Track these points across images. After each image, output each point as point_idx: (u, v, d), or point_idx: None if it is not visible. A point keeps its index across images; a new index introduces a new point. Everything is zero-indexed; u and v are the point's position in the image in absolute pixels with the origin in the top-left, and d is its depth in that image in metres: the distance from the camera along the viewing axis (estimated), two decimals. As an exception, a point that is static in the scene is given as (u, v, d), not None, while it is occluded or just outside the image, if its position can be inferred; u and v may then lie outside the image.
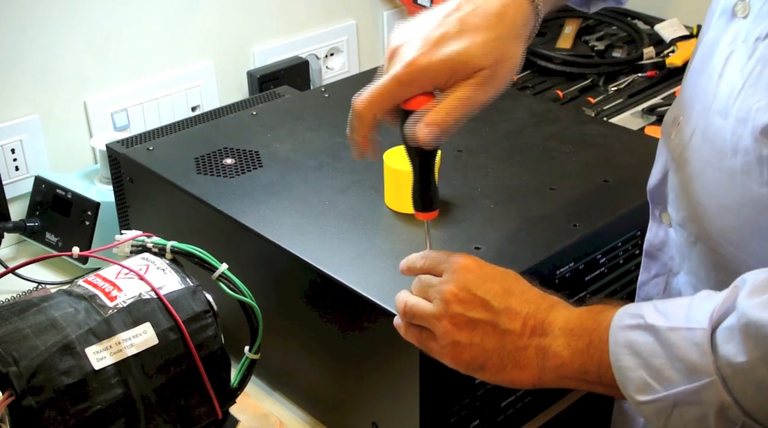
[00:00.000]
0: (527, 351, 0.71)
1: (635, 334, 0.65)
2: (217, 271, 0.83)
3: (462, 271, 0.73)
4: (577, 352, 0.69)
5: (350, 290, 0.83)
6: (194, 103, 1.40)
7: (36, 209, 1.24)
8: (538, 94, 1.56)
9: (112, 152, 1.11)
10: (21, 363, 0.71)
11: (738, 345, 0.60)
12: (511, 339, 0.71)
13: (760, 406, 0.60)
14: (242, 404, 0.89)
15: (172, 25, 1.35)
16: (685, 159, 0.76)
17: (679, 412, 0.63)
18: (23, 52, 1.21)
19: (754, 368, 0.59)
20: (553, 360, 0.70)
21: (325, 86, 1.27)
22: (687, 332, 0.63)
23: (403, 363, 0.81)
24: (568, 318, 0.71)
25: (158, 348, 0.77)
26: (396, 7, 1.63)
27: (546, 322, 0.71)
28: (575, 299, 0.94)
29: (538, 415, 0.97)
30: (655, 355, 0.64)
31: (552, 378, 0.71)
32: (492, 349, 0.71)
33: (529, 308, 0.72)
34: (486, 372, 0.72)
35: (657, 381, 0.64)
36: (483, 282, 0.73)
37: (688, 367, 0.62)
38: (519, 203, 0.96)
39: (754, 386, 0.59)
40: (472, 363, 0.72)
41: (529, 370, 0.71)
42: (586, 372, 0.69)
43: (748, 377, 0.59)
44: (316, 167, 1.04)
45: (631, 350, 0.65)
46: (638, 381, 0.65)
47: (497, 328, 0.71)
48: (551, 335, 0.70)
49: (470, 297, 0.72)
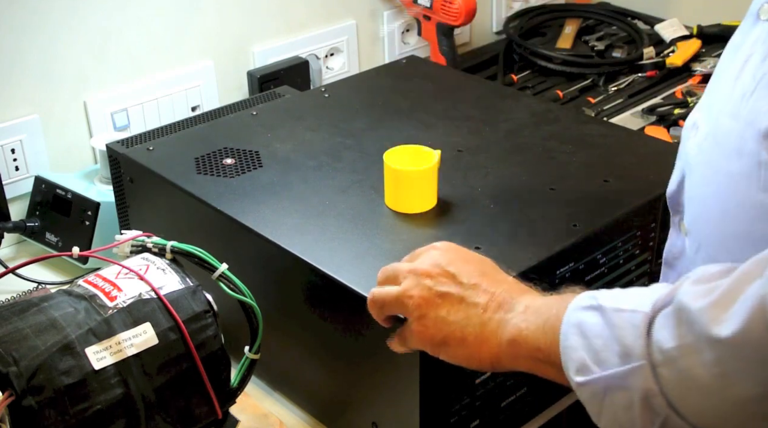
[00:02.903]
0: (489, 324, 0.71)
1: (586, 314, 0.66)
2: (217, 271, 0.83)
3: (437, 251, 0.76)
4: (534, 327, 0.69)
5: (350, 290, 0.83)
6: (194, 104, 1.40)
7: (36, 209, 1.24)
8: (538, 94, 1.56)
9: (112, 152, 1.11)
10: (21, 363, 0.71)
11: (670, 331, 0.59)
12: (475, 313, 0.72)
13: (683, 397, 0.59)
14: (242, 404, 0.89)
15: (172, 25, 1.35)
16: (696, 163, 0.75)
17: (611, 398, 0.63)
18: (23, 52, 1.21)
19: (682, 356, 0.58)
20: (510, 333, 0.70)
21: (325, 86, 1.27)
22: (630, 314, 0.62)
23: (403, 363, 0.81)
24: (535, 300, 0.71)
25: (158, 348, 0.77)
26: (396, 7, 1.63)
27: (513, 301, 0.72)
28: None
29: (538, 415, 0.97)
30: (597, 336, 0.64)
31: (508, 355, 0.71)
32: (456, 322, 0.72)
33: (498, 289, 0.73)
34: (448, 347, 0.73)
35: (595, 362, 0.64)
36: (456, 261, 0.75)
37: (623, 350, 0.62)
38: (519, 203, 0.96)
39: (679, 375, 0.59)
40: (435, 337, 0.73)
41: (488, 346, 0.71)
42: (538, 348, 0.69)
43: (675, 365, 0.59)
44: (316, 167, 1.04)
45: (579, 329, 0.65)
46: (579, 361, 0.65)
47: (464, 301, 0.73)
48: (514, 311, 0.71)
49: (441, 272, 0.74)
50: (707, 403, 0.58)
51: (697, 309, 0.58)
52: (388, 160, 0.95)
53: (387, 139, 1.10)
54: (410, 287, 0.74)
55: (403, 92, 1.22)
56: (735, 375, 0.56)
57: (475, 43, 1.79)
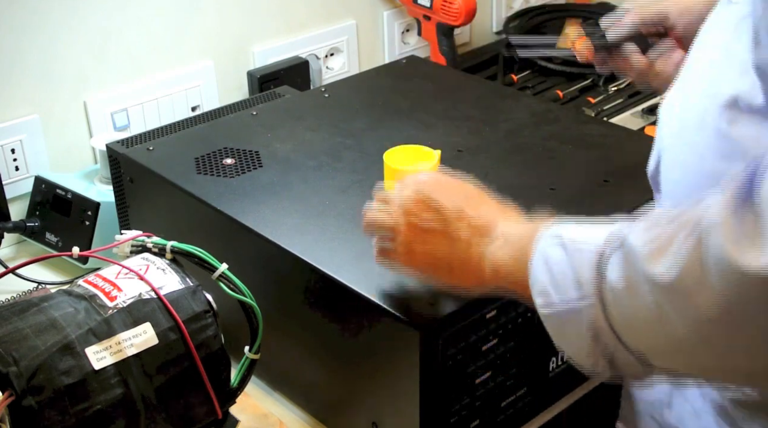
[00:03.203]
0: (472, 256, 0.75)
1: (552, 249, 0.68)
2: (217, 271, 0.83)
3: (422, 181, 0.79)
4: (509, 259, 0.73)
5: (350, 290, 0.83)
6: (194, 104, 1.40)
7: (36, 209, 1.24)
8: (538, 94, 1.56)
9: (112, 152, 1.11)
10: (21, 363, 0.71)
11: (619, 271, 0.62)
12: (459, 246, 0.76)
13: (628, 332, 0.62)
14: (242, 404, 0.89)
15: (172, 25, 1.35)
16: (670, 141, 0.77)
17: (568, 327, 0.66)
18: (23, 52, 1.21)
19: (627, 295, 0.61)
20: (491, 264, 0.74)
21: (325, 86, 1.27)
22: (588, 253, 0.65)
23: (403, 363, 0.81)
24: (515, 229, 0.74)
25: (158, 348, 0.77)
26: (396, 7, 1.63)
27: (493, 231, 0.75)
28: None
29: (538, 415, 0.97)
30: (560, 270, 0.67)
31: (491, 282, 0.75)
32: (442, 256, 0.76)
33: (480, 219, 0.76)
34: (436, 276, 0.78)
35: (556, 293, 0.67)
36: (441, 191, 0.78)
37: (579, 284, 0.65)
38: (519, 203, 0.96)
39: (625, 312, 0.62)
40: (423, 267, 0.78)
41: (472, 274, 0.75)
42: (515, 280, 0.72)
43: (622, 302, 0.62)
44: (316, 167, 1.04)
45: (545, 262, 0.68)
46: (543, 291, 0.68)
47: (448, 236, 0.76)
48: (494, 243, 0.74)
49: (426, 208, 0.77)
50: (648, 339, 0.62)
51: (641, 253, 0.60)
52: (388, 160, 0.95)
53: (387, 139, 1.10)
54: (399, 222, 0.78)
55: (403, 92, 1.22)
56: (669, 316, 0.59)
57: (475, 43, 1.80)
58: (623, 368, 0.65)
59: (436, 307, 0.80)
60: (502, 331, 0.86)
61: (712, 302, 0.55)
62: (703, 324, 0.57)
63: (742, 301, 0.54)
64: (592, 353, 0.65)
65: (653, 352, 0.63)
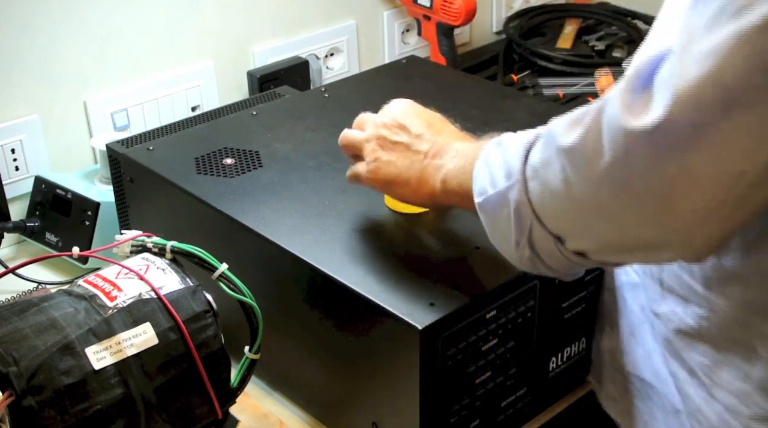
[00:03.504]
0: (428, 168, 0.83)
1: (492, 149, 0.75)
2: (217, 271, 0.83)
3: (395, 106, 0.89)
4: (458, 168, 0.80)
5: (350, 290, 0.83)
6: (194, 104, 1.40)
7: (36, 209, 1.24)
8: (538, 94, 1.56)
9: (112, 152, 1.11)
10: (21, 363, 0.71)
11: (539, 150, 0.69)
12: (418, 159, 0.84)
13: (542, 204, 0.68)
14: (242, 404, 0.89)
15: (172, 25, 1.35)
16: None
17: (498, 214, 0.73)
18: (23, 52, 1.22)
19: (542, 168, 0.68)
20: (442, 175, 0.82)
21: (325, 86, 1.27)
22: (521, 143, 0.72)
23: (403, 363, 0.81)
24: (467, 146, 0.82)
25: (158, 348, 0.77)
26: (396, 7, 1.63)
27: (447, 147, 0.83)
28: (575, 299, 0.94)
29: (538, 415, 0.97)
30: (495, 162, 0.74)
31: (441, 194, 0.82)
32: (402, 166, 0.85)
33: (440, 138, 0.85)
34: (395, 187, 0.86)
35: (491, 184, 0.73)
36: (410, 115, 0.87)
37: (507, 171, 0.72)
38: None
39: (540, 185, 0.68)
40: (385, 178, 0.86)
41: (427, 185, 0.83)
42: (460, 186, 0.79)
43: (538, 176, 0.68)
44: (316, 167, 1.04)
45: (485, 161, 0.75)
46: (481, 185, 0.75)
47: (410, 149, 0.85)
48: (447, 156, 0.82)
49: (396, 124, 0.87)
50: (558, 208, 0.68)
51: (558, 133, 0.66)
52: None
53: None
54: (370, 135, 0.88)
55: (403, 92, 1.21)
56: (571, 181, 0.65)
57: (475, 43, 1.80)
58: (543, 252, 0.71)
59: (436, 307, 0.80)
60: (502, 331, 0.86)
61: (604, 163, 0.62)
62: (598, 186, 0.63)
63: (628, 159, 0.60)
64: (516, 236, 0.72)
65: (563, 227, 0.69)
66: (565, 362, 0.97)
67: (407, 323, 0.78)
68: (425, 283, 0.83)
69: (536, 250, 0.72)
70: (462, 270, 0.85)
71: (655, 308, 0.84)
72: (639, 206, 0.62)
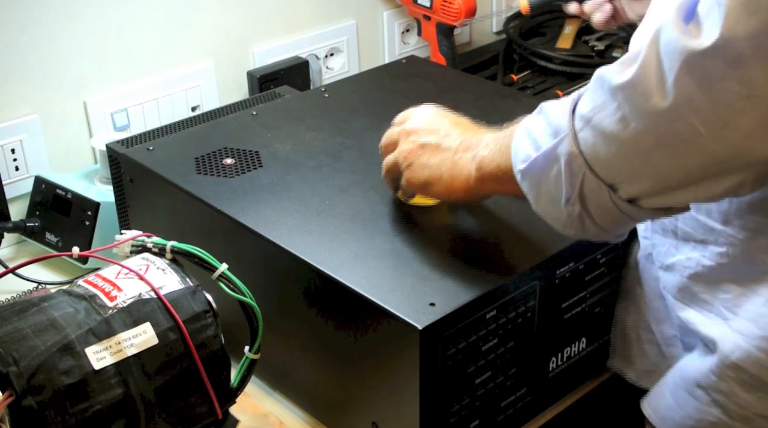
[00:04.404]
0: (460, 161, 0.85)
1: (532, 119, 0.77)
2: (217, 271, 0.83)
3: (421, 111, 0.93)
4: (493, 151, 0.82)
5: (350, 290, 0.83)
6: (194, 104, 1.41)
7: (36, 209, 1.24)
8: (538, 94, 1.56)
9: (112, 152, 1.11)
10: (21, 362, 0.71)
11: (588, 98, 0.70)
12: (449, 155, 0.86)
13: (595, 152, 0.69)
14: (242, 404, 0.89)
15: (172, 25, 1.35)
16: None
17: (546, 176, 0.73)
18: (23, 52, 1.22)
19: (595, 114, 0.68)
20: (476, 163, 0.84)
21: (325, 86, 1.27)
22: (564, 102, 0.73)
23: (403, 363, 0.81)
24: (500, 133, 0.83)
25: (158, 347, 0.77)
26: (396, 7, 1.63)
27: (479, 140, 0.85)
28: (575, 299, 0.94)
29: (538, 415, 0.97)
30: (539, 128, 0.74)
31: (476, 183, 0.84)
32: (434, 165, 0.87)
33: (468, 135, 0.87)
34: (431, 186, 0.88)
35: (534, 148, 0.74)
36: (437, 117, 0.91)
37: (554, 129, 0.72)
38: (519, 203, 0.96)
39: (592, 131, 0.69)
40: (421, 179, 0.88)
41: (461, 178, 0.85)
42: (498, 167, 0.81)
43: (590, 124, 0.69)
44: (316, 167, 1.04)
45: (526, 132, 0.76)
46: (523, 154, 0.76)
47: (440, 147, 0.88)
48: (479, 147, 0.84)
49: (423, 128, 0.90)
50: (612, 152, 0.68)
51: (609, 73, 0.67)
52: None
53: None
54: (402, 146, 0.91)
55: (403, 92, 1.22)
56: (627, 118, 0.66)
57: (475, 43, 1.80)
58: (594, 205, 0.72)
59: (436, 307, 0.80)
60: (502, 331, 0.86)
61: (667, 89, 0.63)
62: (659, 117, 0.64)
63: (691, 82, 0.62)
64: (567, 193, 0.72)
65: (617, 172, 0.69)
66: (565, 362, 0.97)
67: (407, 323, 0.78)
68: (425, 283, 0.83)
69: (587, 204, 0.72)
70: (462, 270, 0.85)
71: (665, 261, 0.85)
72: (704, 128, 0.63)
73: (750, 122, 0.62)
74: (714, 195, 0.68)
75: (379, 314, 0.81)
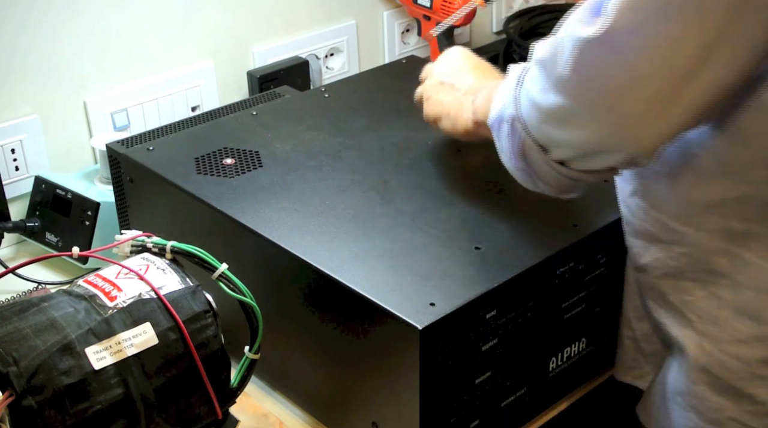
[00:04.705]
0: (464, 104, 0.95)
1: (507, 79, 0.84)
2: (217, 271, 0.83)
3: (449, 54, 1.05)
4: (484, 101, 0.90)
5: (350, 290, 0.83)
6: (194, 104, 1.41)
7: (36, 209, 1.24)
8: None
9: (112, 152, 1.11)
10: (21, 362, 0.71)
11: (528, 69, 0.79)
12: (457, 96, 0.97)
13: (529, 117, 0.77)
14: (242, 404, 0.89)
15: (172, 25, 1.35)
16: None
17: (502, 131, 0.82)
18: (23, 52, 1.22)
19: (526, 81, 0.77)
20: (473, 108, 0.93)
21: (325, 86, 1.27)
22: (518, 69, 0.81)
23: (403, 363, 0.81)
24: (497, 83, 0.88)
25: (158, 347, 0.77)
26: (396, 7, 1.63)
27: (483, 85, 0.95)
28: (575, 299, 0.94)
29: (538, 415, 0.97)
30: (501, 88, 0.84)
31: (474, 125, 0.93)
32: (446, 103, 0.99)
33: (479, 80, 0.98)
34: (441, 121, 0.99)
35: (494, 105, 0.84)
36: (461, 59, 1.03)
37: (507, 91, 0.81)
38: (519, 203, 0.96)
39: (525, 96, 0.77)
40: (433, 114, 1.01)
41: (462, 120, 0.95)
42: (484, 116, 0.88)
43: (524, 88, 0.78)
44: (316, 167, 1.04)
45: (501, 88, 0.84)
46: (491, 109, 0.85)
47: (453, 88, 0.99)
48: (481, 92, 0.93)
49: (447, 67, 1.03)
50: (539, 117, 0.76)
51: (538, 46, 0.77)
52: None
53: (387, 139, 1.10)
54: (427, 82, 1.04)
55: (403, 92, 1.22)
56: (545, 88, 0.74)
57: (475, 43, 1.80)
58: (535, 164, 0.80)
59: (436, 307, 0.80)
60: (502, 331, 0.86)
61: (564, 69, 0.71)
62: (564, 92, 0.72)
63: (583, 65, 0.70)
64: (514, 149, 0.81)
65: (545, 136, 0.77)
66: (565, 362, 0.97)
67: (407, 323, 0.78)
68: (425, 283, 0.83)
69: (529, 163, 0.81)
70: (462, 270, 0.85)
71: (637, 261, 0.87)
72: (594, 108, 0.71)
73: (633, 104, 0.69)
74: (621, 163, 0.76)
75: (379, 314, 0.81)
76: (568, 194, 0.85)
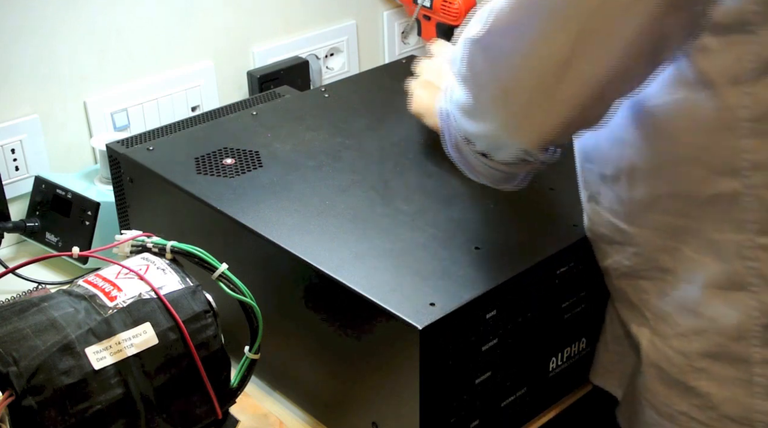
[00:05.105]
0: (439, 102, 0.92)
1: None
2: (217, 271, 0.83)
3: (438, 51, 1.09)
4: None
5: (350, 290, 0.83)
6: (194, 104, 1.41)
7: (36, 209, 1.24)
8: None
9: (112, 152, 1.11)
10: (21, 362, 0.71)
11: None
12: (435, 95, 0.94)
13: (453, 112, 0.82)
14: (242, 404, 0.89)
15: (172, 25, 1.35)
16: None
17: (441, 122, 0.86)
18: (23, 52, 1.22)
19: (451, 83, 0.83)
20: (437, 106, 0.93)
21: (325, 86, 1.27)
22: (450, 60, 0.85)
23: (403, 363, 0.81)
24: None
25: (158, 347, 0.77)
26: (396, 7, 1.63)
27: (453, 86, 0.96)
28: (575, 299, 0.94)
29: (538, 415, 0.97)
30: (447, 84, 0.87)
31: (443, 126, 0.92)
32: (426, 98, 1.04)
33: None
34: (423, 117, 1.05)
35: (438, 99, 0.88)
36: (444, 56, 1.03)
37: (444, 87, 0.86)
38: (519, 203, 0.96)
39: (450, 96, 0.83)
40: (416, 110, 1.07)
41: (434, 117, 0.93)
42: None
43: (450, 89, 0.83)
44: (316, 167, 1.04)
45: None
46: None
47: (432, 84, 1.04)
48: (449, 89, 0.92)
49: (431, 66, 1.07)
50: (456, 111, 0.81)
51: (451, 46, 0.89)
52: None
53: (387, 139, 1.10)
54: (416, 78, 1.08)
55: (403, 92, 1.22)
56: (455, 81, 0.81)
57: (475, 43, 1.79)
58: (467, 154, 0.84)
59: (436, 307, 0.80)
60: (502, 331, 0.86)
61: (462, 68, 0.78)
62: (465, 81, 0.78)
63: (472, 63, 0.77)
64: (448, 141, 0.85)
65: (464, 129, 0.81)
66: (565, 362, 0.97)
67: (407, 323, 0.78)
68: (425, 283, 0.83)
69: (462, 154, 0.85)
70: (462, 270, 0.85)
71: (602, 263, 0.89)
72: (489, 103, 0.77)
73: (516, 103, 0.75)
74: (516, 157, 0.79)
75: (379, 314, 0.81)
76: (504, 186, 0.87)
